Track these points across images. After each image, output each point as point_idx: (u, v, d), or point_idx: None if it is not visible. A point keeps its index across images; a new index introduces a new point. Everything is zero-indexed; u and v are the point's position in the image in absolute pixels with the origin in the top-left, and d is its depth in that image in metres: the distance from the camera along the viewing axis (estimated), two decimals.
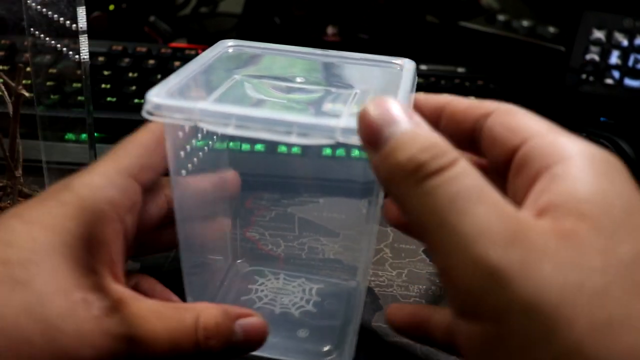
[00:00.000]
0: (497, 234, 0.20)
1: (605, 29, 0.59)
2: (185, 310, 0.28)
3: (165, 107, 0.26)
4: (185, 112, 0.26)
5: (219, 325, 0.27)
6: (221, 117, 0.26)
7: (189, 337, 0.27)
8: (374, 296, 0.39)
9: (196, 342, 0.27)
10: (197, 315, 0.27)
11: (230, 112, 0.25)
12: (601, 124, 0.54)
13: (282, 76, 0.34)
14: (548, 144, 0.24)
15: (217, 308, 0.28)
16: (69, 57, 0.42)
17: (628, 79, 0.59)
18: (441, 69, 0.63)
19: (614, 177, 0.22)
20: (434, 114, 0.29)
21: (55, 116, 0.43)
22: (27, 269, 0.25)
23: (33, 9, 0.40)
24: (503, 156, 0.25)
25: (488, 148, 0.27)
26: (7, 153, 0.40)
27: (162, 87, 0.27)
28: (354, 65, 0.35)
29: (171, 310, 0.27)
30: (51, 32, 0.41)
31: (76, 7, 0.40)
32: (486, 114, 0.27)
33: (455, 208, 0.20)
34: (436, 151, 0.21)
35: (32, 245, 0.26)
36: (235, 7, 0.76)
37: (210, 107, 0.26)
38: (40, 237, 0.26)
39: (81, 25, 0.40)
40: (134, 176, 0.30)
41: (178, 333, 0.27)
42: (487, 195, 0.21)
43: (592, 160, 0.22)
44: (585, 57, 0.60)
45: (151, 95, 0.26)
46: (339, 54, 0.35)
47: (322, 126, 0.25)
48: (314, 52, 0.35)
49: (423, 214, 0.21)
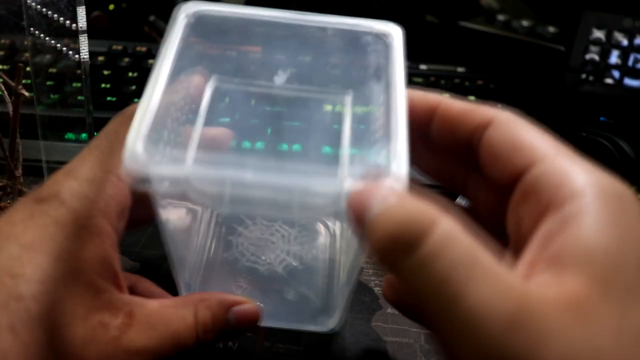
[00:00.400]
0: (499, 317, 0.19)
1: (605, 29, 0.59)
2: (185, 306, 0.29)
3: (153, 176, 0.23)
4: (174, 183, 0.24)
5: (215, 317, 0.29)
6: (213, 198, 0.24)
7: (190, 335, 0.28)
8: (374, 296, 0.39)
9: (196, 337, 0.29)
10: (195, 312, 0.29)
11: (223, 193, 0.24)
12: (601, 124, 0.54)
13: (261, 74, 0.33)
14: (558, 172, 0.22)
15: (212, 299, 0.30)
16: (69, 56, 0.42)
17: (628, 78, 0.59)
18: (441, 69, 0.63)
19: (628, 221, 0.21)
20: (428, 113, 0.28)
21: (55, 116, 0.43)
22: (41, 303, 0.25)
23: (33, 8, 0.40)
24: (506, 176, 0.24)
25: (488, 164, 0.26)
26: (7, 153, 0.40)
27: (139, 130, 0.24)
28: (335, 45, 0.33)
29: (172, 311, 0.28)
30: (51, 32, 0.41)
31: (76, 7, 0.40)
32: (484, 123, 0.26)
33: (450, 291, 0.19)
34: (413, 221, 0.20)
35: (40, 276, 0.26)
36: None
37: (200, 179, 0.23)
38: (45, 265, 0.26)
39: (81, 25, 0.41)
40: (119, 177, 0.29)
41: (182, 334, 0.28)
42: (482, 265, 0.19)
43: (605, 199, 0.21)
44: (585, 56, 0.60)
45: (130, 157, 0.23)
46: (315, 19, 0.32)
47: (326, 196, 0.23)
48: (286, 16, 0.31)
49: (418, 297, 0.20)
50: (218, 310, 0.29)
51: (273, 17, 0.31)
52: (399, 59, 0.29)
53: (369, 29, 0.31)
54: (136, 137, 0.24)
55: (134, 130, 0.24)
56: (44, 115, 0.44)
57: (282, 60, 0.34)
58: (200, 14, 0.30)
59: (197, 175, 0.23)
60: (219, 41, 0.33)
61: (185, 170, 0.24)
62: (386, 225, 0.20)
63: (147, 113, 0.25)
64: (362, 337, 0.36)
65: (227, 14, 0.31)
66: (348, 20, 0.32)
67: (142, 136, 0.24)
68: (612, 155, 0.51)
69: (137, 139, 0.24)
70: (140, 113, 0.25)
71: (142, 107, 0.25)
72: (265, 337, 0.36)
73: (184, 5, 0.30)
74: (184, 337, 0.28)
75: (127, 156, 0.23)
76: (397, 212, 0.20)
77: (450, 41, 0.72)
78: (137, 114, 0.25)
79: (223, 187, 0.23)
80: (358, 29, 0.31)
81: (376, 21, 0.31)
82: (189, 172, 0.24)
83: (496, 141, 0.25)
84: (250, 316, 0.30)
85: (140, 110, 0.25)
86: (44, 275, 0.26)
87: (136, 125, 0.24)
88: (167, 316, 0.28)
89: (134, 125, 0.24)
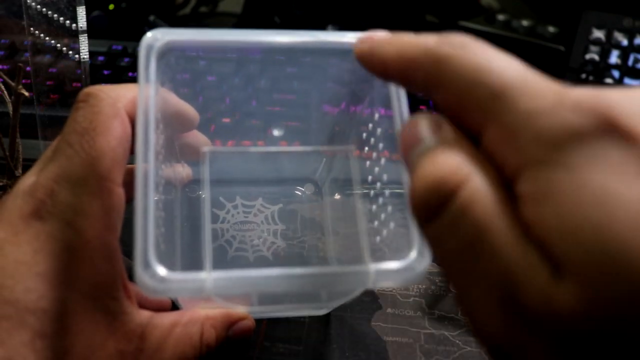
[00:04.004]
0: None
1: (605, 29, 0.59)
2: (192, 325, 0.29)
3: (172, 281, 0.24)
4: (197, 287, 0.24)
5: (218, 337, 0.30)
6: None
7: (195, 354, 0.29)
8: (374, 296, 0.39)
9: (200, 355, 0.29)
10: (201, 332, 0.30)
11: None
12: None
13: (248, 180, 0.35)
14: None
15: (216, 318, 0.30)
16: (69, 56, 0.42)
17: (628, 78, 0.59)
18: None
19: None
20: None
21: (55, 116, 0.43)
22: (64, 338, 0.25)
23: (33, 8, 0.40)
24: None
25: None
26: (7, 153, 0.40)
27: (146, 243, 0.24)
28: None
29: (180, 330, 0.29)
30: (51, 31, 0.41)
31: (76, 7, 0.40)
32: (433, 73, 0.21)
33: (474, 253, 0.18)
34: (435, 186, 0.19)
35: (58, 308, 0.26)
36: (235, 6, 0.76)
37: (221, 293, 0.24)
38: (61, 296, 0.26)
39: (81, 25, 0.41)
40: (114, 182, 0.27)
41: (188, 354, 0.29)
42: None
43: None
44: (585, 56, 0.60)
45: (149, 276, 0.23)
46: (298, 46, 0.29)
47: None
48: (258, 43, 0.29)
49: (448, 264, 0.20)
50: (221, 330, 0.30)
51: (245, 42, 0.28)
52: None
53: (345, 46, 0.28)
54: (145, 251, 0.23)
55: (140, 244, 0.23)
56: (44, 115, 0.44)
57: (273, 114, 0.35)
58: (171, 47, 0.28)
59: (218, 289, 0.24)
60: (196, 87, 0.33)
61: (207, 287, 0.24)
62: (417, 185, 0.20)
63: (149, 223, 0.24)
64: (362, 337, 0.36)
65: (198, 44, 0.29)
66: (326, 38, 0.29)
67: (152, 250, 0.23)
68: None
69: (148, 254, 0.23)
70: (141, 223, 0.24)
71: (140, 213, 0.24)
72: (265, 337, 0.36)
73: (154, 36, 0.28)
74: (189, 357, 0.29)
75: (143, 277, 0.23)
76: (427, 170, 0.20)
77: None
78: (137, 222, 0.24)
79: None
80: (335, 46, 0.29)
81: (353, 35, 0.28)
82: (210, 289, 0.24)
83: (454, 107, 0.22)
84: (247, 331, 0.31)
85: (140, 219, 0.24)
86: (63, 309, 0.26)
87: (140, 237, 0.23)
88: (174, 337, 0.29)
89: (138, 238, 0.23)
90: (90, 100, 0.28)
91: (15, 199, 0.27)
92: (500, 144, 0.19)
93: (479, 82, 0.20)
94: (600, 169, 0.17)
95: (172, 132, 0.33)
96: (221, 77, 0.34)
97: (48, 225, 0.26)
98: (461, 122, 0.21)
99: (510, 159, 0.19)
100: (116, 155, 0.27)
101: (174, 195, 0.35)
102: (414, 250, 0.25)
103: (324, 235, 0.37)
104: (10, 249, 0.26)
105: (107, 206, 0.26)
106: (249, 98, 0.36)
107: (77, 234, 0.26)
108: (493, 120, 0.19)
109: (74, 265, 0.26)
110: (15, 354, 0.24)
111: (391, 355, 0.35)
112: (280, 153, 0.38)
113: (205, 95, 0.35)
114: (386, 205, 0.30)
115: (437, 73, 0.21)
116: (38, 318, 0.25)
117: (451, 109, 0.21)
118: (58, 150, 0.28)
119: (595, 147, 0.17)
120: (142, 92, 0.26)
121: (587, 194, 0.17)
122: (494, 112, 0.19)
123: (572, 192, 0.17)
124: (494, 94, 0.19)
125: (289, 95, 0.36)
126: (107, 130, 0.27)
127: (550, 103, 0.19)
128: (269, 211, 0.38)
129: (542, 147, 0.18)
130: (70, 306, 0.26)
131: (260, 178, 0.39)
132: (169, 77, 0.30)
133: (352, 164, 0.36)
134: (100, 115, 0.27)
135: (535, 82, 0.20)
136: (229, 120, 0.37)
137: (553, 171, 0.18)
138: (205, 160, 0.36)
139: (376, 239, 0.31)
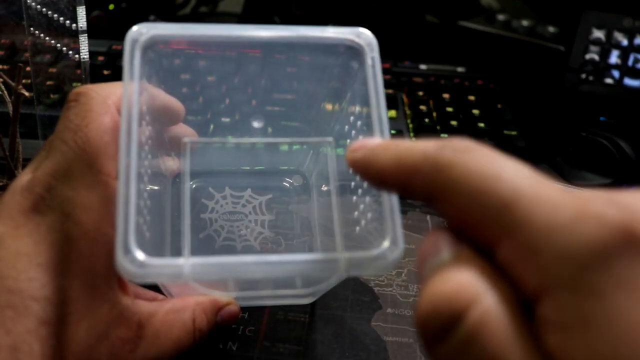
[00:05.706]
0: None
1: (605, 29, 0.59)
2: (184, 311, 0.31)
3: (149, 265, 0.24)
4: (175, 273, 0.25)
5: (209, 322, 0.32)
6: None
7: (189, 339, 0.31)
8: (374, 296, 0.39)
9: (193, 340, 0.31)
10: (193, 317, 0.31)
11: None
12: (601, 124, 0.54)
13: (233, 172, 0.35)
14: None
15: (206, 303, 0.32)
16: (69, 56, 0.42)
17: (628, 78, 0.59)
18: (441, 69, 0.63)
19: None
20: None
21: (55, 116, 0.43)
22: (67, 325, 0.27)
23: (33, 8, 0.40)
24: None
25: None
26: (7, 153, 0.40)
27: (125, 237, 0.24)
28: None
29: (173, 317, 0.30)
30: (51, 31, 0.41)
31: (76, 7, 0.40)
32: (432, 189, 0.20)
33: None
34: (445, 306, 0.18)
35: (60, 296, 0.26)
36: (235, 6, 0.76)
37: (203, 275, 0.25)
38: (63, 285, 0.26)
39: (81, 24, 0.41)
40: (109, 175, 0.28)
41: (183, 339, 0.30)
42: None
43: None
44: (585, 56, 0.60)
45: (128, 262, 0.24)
46: (277, 40, 0.30)
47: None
48: (245, 37, 0.30)
49: None
50: (211, 315, 0.32)
51: (229, 37, 0.29)
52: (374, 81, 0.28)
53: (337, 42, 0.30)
54: (125, 237, 0.24)
55: (121, 230, 0.24)
56: (44, 115, 0.44)
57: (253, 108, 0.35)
58: (156, 41, 0.29)
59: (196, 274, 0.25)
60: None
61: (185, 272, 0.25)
62: (423, 302, 0.18)
63: (130, 211, 0.25)
64: (362, 337, 0.36)
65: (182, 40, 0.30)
66: (314, 33, 0.30)
67: (132, 236, 0.24)
68: (612, 155, 0.51)
69: (128, 240, 0.24)
70: (122, 210, 0.24)
71: (121, 201, 0.25)
72: (265, 337, 0.36)
73: (139, 30, 0.29)
74: (184, 342, 0.30)
75: (123, 262, 0.24)
76: (436, 286, 0.18)
77: (450, 41, 0.72)
78: (119, 210, 0.24)
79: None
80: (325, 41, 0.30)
81: (344, 30, 0.30)
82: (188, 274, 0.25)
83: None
84: (233, 316, 0.33)
85: (122, 207, 0.24)
86: (65, 296, 0.26)
87: (122, 224, 0.24)
88: (169, 323, 0.30)
89: (119, 224, 0.24)
90: (81, 99, 0.29)
91: (14, 195, 0.28)
92: (517, 261, 0.18)
93: (487, 191, 0.18)
94: (633, 296, 0.16)
95: (160, 125, 0.33)
96: (198, 72, 0.35)
97: (47, 218, 0.27)
98: (468, 234, 0.19)
99: (530, 277, 0.17)
100: (109, 150, 0.28)
101: (165, 186, 0.36)
102: (387, 240, 0.26)
103: (310, 225, 0.38)
104: (12, 242, 0.26)
105: (103, 198, 0.27)
106: (224, 96, 0.37)
107: (76, 225, 0.27)
108: (508, 235, 0.18)
109: (74, 256, 0.27)
110: (20, 341, 0.25)
111: (391, 355, 0.35)
112: (268, 145, 0.39)
113: (186, 89, 0.36)
114: (365, 196, 0.31)
115: (440, 181, 0.19)
116: (42, 306, 0.26)
117: (456, 220, 0.19)
118: (53, 148, 0.28)
119: (625, 266, 0.16)
120: (126, 87, 0.27)
121: (621, 329, 0.15)
122: (507, 225, 0.18)
123: (605, 324, 0.16)
124: (505, 204, 0.18)
125: (277, 93, 0.37)
126: (99, 126, 0.28)
127: (570, 216, 0.17)
128: (257, 202, 0.38)
129: (566, 267, 0.16)
130: (71, 294, 0.26)
131: (249, 170, 0.40)
132: (154, 70, 0.31)
133: (330, 156, 0.36)
134: (92, 113, 0.28)
135: (549, 190, 0.18)
136: (204, 116, 0.38)
137: (583, 298, 0.16)
138: (186, 151, 0.36)
139: (355, 229, 0.32)
